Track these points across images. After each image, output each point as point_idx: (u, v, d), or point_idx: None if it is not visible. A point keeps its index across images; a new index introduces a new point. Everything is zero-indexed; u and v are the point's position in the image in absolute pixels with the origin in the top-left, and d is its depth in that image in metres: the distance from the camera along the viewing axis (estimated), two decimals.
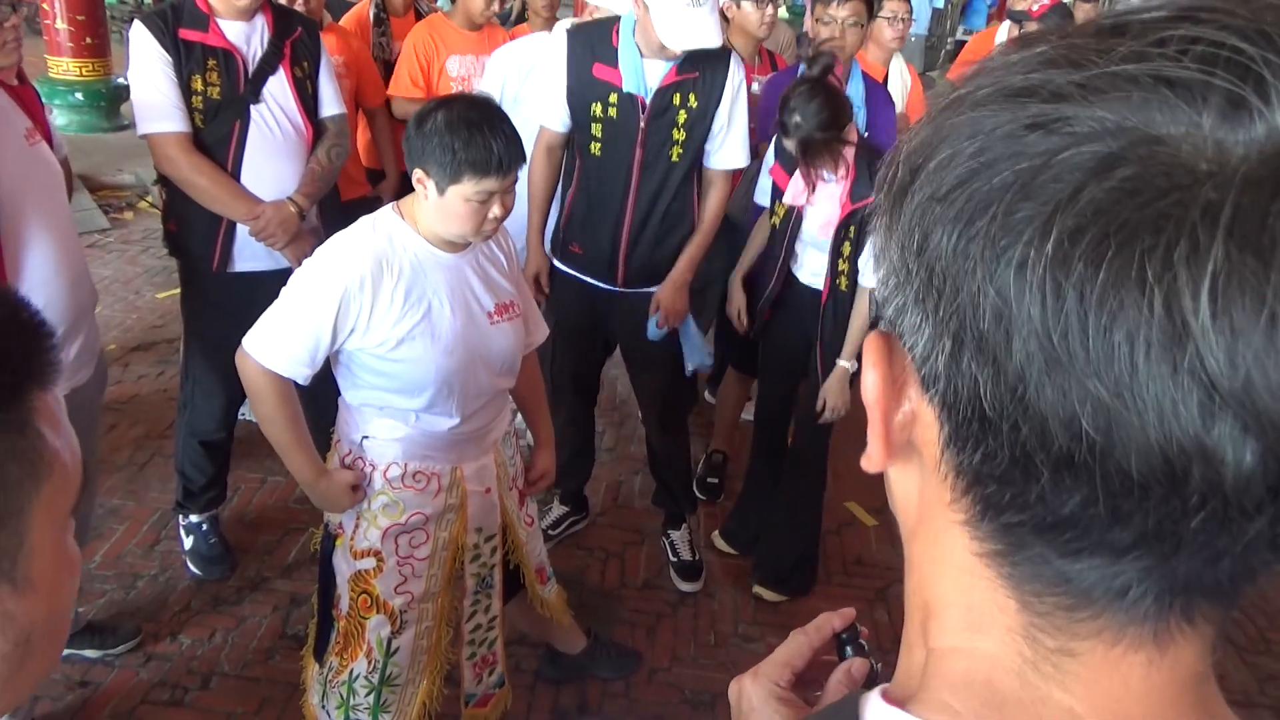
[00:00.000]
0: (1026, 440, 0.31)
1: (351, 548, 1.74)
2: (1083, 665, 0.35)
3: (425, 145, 1.54)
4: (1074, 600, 0.35)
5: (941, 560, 0.39)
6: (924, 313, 0.34)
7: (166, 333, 3.96)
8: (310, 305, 1.57)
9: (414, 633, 1.79)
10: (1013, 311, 0.30)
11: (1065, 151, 0.30)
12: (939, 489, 0.37)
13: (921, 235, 0.33)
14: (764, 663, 0.64)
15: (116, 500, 2.91)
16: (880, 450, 0.39)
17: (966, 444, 0.34)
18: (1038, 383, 0.30)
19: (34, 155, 1.84)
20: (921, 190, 0.34)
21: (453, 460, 1.75)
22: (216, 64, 2.32)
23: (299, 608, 2.52)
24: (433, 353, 1.62)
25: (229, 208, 2.36)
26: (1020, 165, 0.30)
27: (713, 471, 3.28)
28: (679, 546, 2.84)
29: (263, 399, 1.62)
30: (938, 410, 0.35)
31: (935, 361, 0.34)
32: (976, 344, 0.31)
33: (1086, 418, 0.29)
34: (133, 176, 5.78)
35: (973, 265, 0.31)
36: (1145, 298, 0.28)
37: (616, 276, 2.52)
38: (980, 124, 0.32)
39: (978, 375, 0.32)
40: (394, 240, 1.62)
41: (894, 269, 0.36)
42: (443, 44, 3.16)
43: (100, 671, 2.31)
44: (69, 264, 1.87)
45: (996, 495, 0.34)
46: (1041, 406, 0.30)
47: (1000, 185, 0.31)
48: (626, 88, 2.31)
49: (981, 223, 0.31)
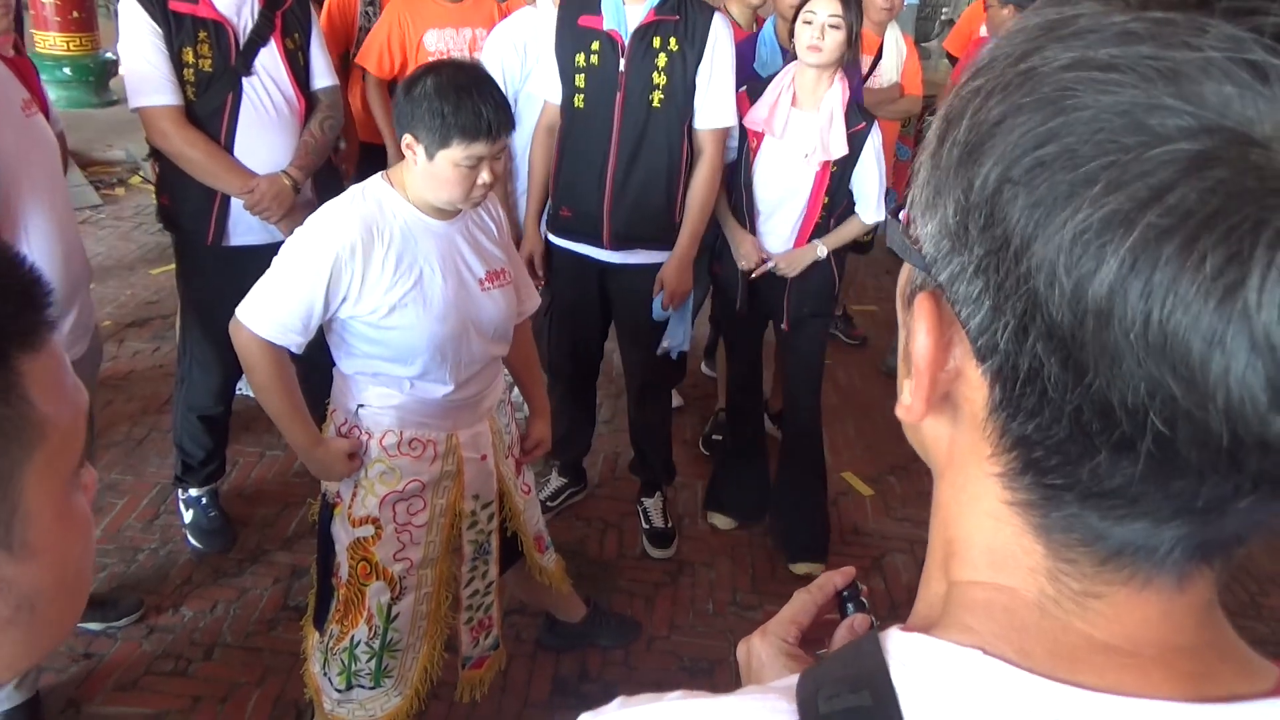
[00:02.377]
0: (1088, 423, 0.32)
1: (350, 516, 1.75)
2: (1106, 604, 0.37)
3: (414, 110, 1.54)
4: (1105, 554, 0.36)
5: (969, 504, 0.40)
6: (985, 285, 0.34)
7: (161, 308, 3.95)
8: (302, 273, 1.57)
9: (413, 599, 1.81)
10: (1090, 302, 0.30)
11: (1158, 147, 0.29)
12: (976, 441, 0.38)
13: (991, 211, 0.33)
14: (771, 621, 0.66)
15: (115, 475, 2.92)
16: (922, 408, 0.39)
17: (1019, 413, 0.35)
18: (1109, 373, 0.30)
19: (31, 126, 1.83)
20: (993, 163, 0.33)
21: (448, 427, 1.76)
22: (207, 36, 2.30)
23: (300, 579, 2.54)
24: (425, 320, 1.63)
25: (223, 181, 2.35)
26: (1109, 158, 0.30)
27: (719, 429, 3.32)
28: (652, 514, 2.88)
29: (257, 368, 1.62)
30: (990, 378, 0.36)
31: (994, 335, 0.34)
32: (1046, 328, 0.32)
33: (1155, 409, 0.30)
34: (123, 152, 5.74)
35: (1049, 252, 0.31)
36: (1226, 302, 0.28)
37: (603, 234, 2.50)
38: (1059, 103, 0.31)
39: (1043, 357, 0.32)
40: (384, 207, 1.62)
41: (948, 232, 0.35)
42: (419, 18, 3.07)
43: (103, 644, 2.33)
44: (63, 237, 1.87)
45: (1043, 460, 0.35)
46: (1110, 394, 0.31)
47: (1086, 176, 0.30)
48: (606, 26, 2.32)
49: (1064, 213, 0.31)
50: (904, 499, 3.19)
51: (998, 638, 0.38)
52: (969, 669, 0.37)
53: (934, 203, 0.37)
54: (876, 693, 0.38)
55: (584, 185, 2.46)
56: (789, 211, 2.54)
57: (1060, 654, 0.37)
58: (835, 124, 2.40)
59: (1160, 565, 0.36)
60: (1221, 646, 0.39)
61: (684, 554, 2.85)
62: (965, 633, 0.39)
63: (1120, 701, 0.35)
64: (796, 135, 2.45)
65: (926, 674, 0.38)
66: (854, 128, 2.42)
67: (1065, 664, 0.37)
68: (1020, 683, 0.36)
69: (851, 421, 3.61)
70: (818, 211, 2.52)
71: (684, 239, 2.50)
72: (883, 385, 3.93)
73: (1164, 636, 0.37)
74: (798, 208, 2.53)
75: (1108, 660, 0.37)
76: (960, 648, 0.38)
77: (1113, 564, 0.36)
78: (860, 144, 2.44)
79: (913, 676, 0.38)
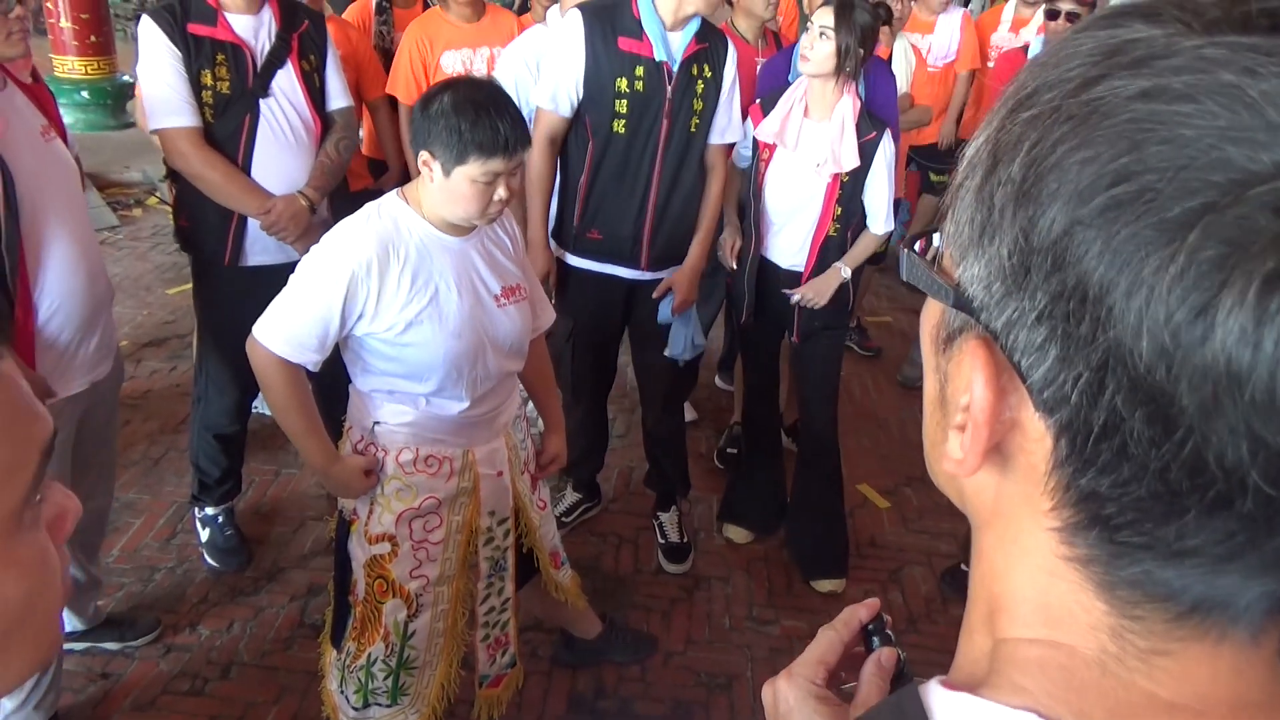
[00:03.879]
0: (1176, 481, 0.30)
1: (366, 533, 1.75)
2: (1174, 661, 0.35)
3: (431, 127, 1.55)
4: (1178, 611, 0.34)
5: (1019, 557, 0.38)
6: (1052, 334, 0.32)
7: (178, 328, 3.98)
8: (318, 291, 1.58)
9: (430, 616, 1.81)
10: (1187, 357, 0.28)
11: (1257, 186, 0.27)
12: (1032, 495, 0.36)
13: (1058, 255, 0.31)
14: (797, 663, 0.64)
15: (132, 494, 2.93)
16: (977, 462, 0.37)
17: (1090, 469, 0.33)
18: (1204, 430, 0.29)
19: (50, 152, 1.86)
20: (1061, 203, 0.31)
21: (464, 444, 1.76)
22: (225, 58, 2.33)
23: (316, 597, 2.54)
24: (441, 336, 1.63)
25: (240, 202, 2.37)
26: (1198, 199, 0.28)
27: (733, 443, 3.32)
28: (667, 529, 2.87)
29: (273, 386, 1.63)
30: (1055, 431, 0.34)
31: (1063, 386, 0.32)
32: (1130, 383, 0.30)
33: (1257, 468, 0.28)
34: (140, 174, 5.81)
35: (1134, 304, 0.29)
36: None
37: (640, 258, 2.51)
38: (1135, 136, 0.29)
39: (1123, 412, 0.30)
40: (399, 224, 1.63)
41: (1003, 274, 0.33)
42: (436, 40, 3.12)
43: (121, 663, 2.34)
44: (86, 260, 1.89)
45: (1116, 516, 0.33)
46: (1206, 452, 0.29)
47: (1177, 220, 0.28)
48: (658, 56, 2.33)
49: (1155, 260, 0.28)
50: (921, 511, 3.17)
51: (1053, 698, 0.36)
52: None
53: (981, 242, 0.34)
54: None
55: (621, 209, 2.46)
56: (800, 224, 2.54)
57: (1121, 715, 0.35)
58: (846, 135, 2.41)
59: (1235, 620, 0.34)
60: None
61: (700, 568, 2.84)
62: (1018, 693, 0.37)
63: None
64: (808, 146, 2.46)
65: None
66: (865, 136, 2.42)
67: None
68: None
69: (867, 433, 3.59)
70: (829, 223, 2.51)
71: (695, 250, 2.53)
72: (898, 397, 3.92)
73: (1236, 693, 0.35)
74: (809, 219, 2.53)
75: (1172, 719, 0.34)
76: (1013, 711, 0.36)
77: (1186, 621, 0.34)
78: (871, 154, 2.44)
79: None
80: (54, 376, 1.86)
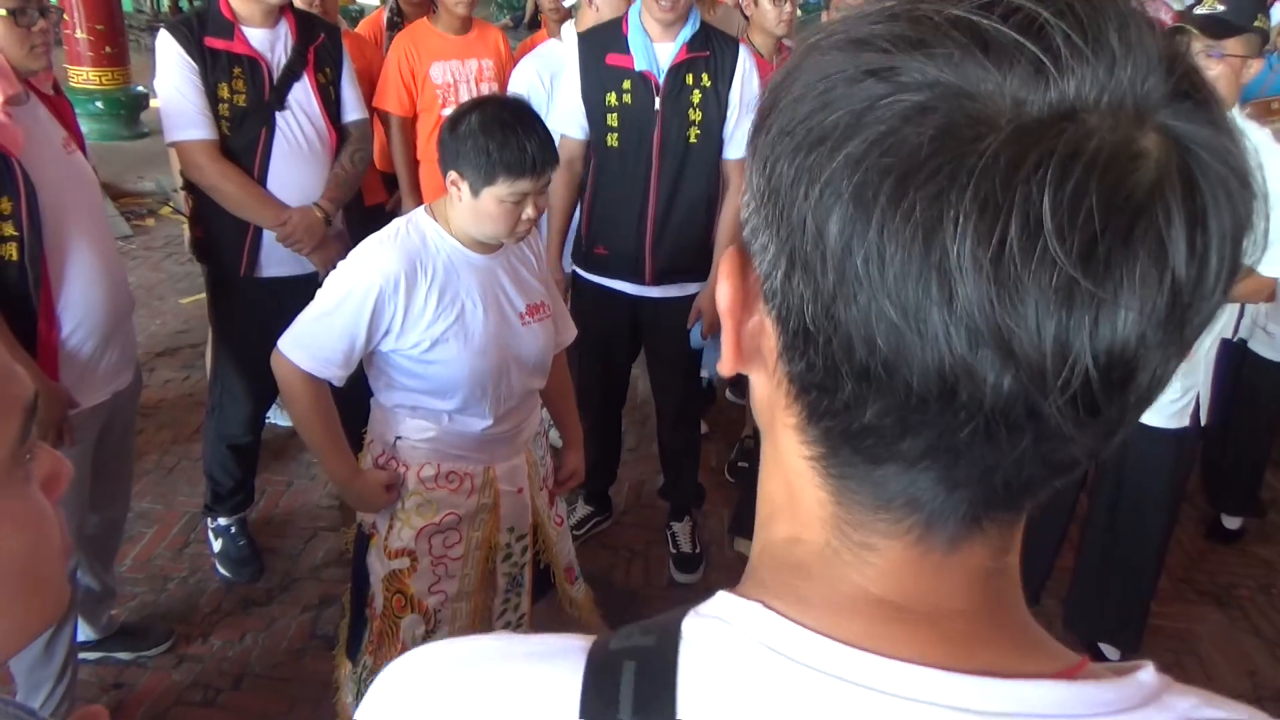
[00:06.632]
0: (835, 353, 0.34)
1: (386, 547, 1.75)
2: (880, 557, 0.39)
3: (460, 147, 1.55)
4: (877, 503, 0.38)
5: (779, 461, 0.42)
6: (769, 234, 0.36)
7: (191, 338, 4.00)
8: (345, 306, 1.58)
9: (448, 631, 1.81)
10: (828, 238, 0.33)
11: (888, 98, 0.32)
12: (778, 395, 0.40)
13: (771, 163, 0.36)
14: None
15: (146, 504, 2.94)
16: (731, 356, 0.41)
17: (794, 355, 0.37)
18: (845, 302, 0.33)
19: (72, 164, 1.87)
20: (776, 122, 0.36)
21: (485, 460, 1.77)
22: (242, 71, 2.34)
23: (328, 608, 2.54)
24: (466, 354, 1.63)
25: (256, 214, 2.38)
26: (851, 107, 0.33)
27: (745, 456, 3.31)
28: (680, 539, 2.87)
29: (297, 400, 1.63)
30: (774, 323, 0.38)
31: (774, 279, 0.36)
32: (802, 265, 0.34)
33: (881, 336, 0.33)
34: (154, 184, 5.84)
35: (802, 192, 0.34)
36: (925, 236, 0.31)
37: (644, 273, 2.52)
38: (827, 67, 0.35)
39: (803, 293, 0.35)
40: (427, 242, 1.63)
41: (753, 192, 0.38)
42: (424, 52, 3.07)
43: (134, 673, 2.34)
44: (108, 271, 1.91)
45: (815, 402, 0.37)
46: (848, 324, 0.33)
47: (832, 123, 0.33)
48: (638, 67, 2.34)
49: (814, 156, 0.34)
50: None
51: (784, 587, 0.40)
52: (747, 618, 0.39)
53: (749, 170, 0.39)
54: (662, 636, 0.40)
55: (622, 224, 2.48)
56: None
57: (836, 604, 0.39)
58: None
59: (930, 523, 0.37)
60: (1002, 618, 0.39)
61: (711, 582, 2.82)
62: (756, 586, 0.41)
63: (884, 664, 0.37)
64: None
65: (711, 622, 0.40)
66: None
67: (839, 614, 0.38)
68: (789, 634, 0.38)
69: None
70: None
71: (717, 268, 2.51)
72: None
73: (937, 598, 0.38)
74: None
75: (879, 612, 0.38)
76: (744, 600, 0.40)
77: (886, 515, 0.38)
78: None
79: (699, 624, 0.40)
80: (77, 387, 1.87)
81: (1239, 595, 2.86)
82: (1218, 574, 2.94)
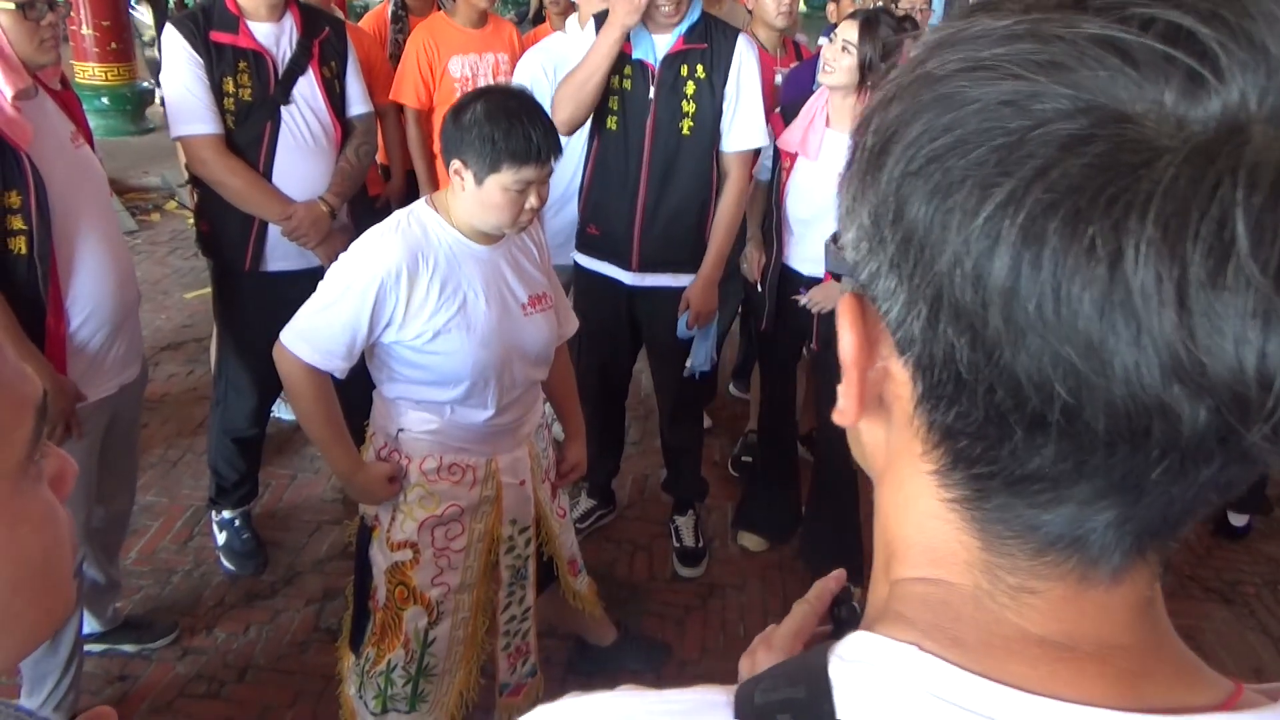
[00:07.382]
0: (1001, 402, 0.33)
1: (388, 540, 1.76)
2: (1041, 599, 0.37)
3: (464, 136, 1.55)
4: (1038, 546, 0.36)
5: (907, 505, 0.41)
6: (899, 279, 0.35)
7: (196, 332, 4.01)
8: (346, 298, 1.58)
9: (450, 624, 1.81)
10: (990, 281, 0.31)
11: (1039, 129, 0.31)
12: (909, 441, 0.39)
13: (897, 206, 0.34)
14: (775, 635, 0.66)
15: (150, 497, 2.95)
16: (854, 407, 0.40)
17: (940, 403, 0.35)
18: (1013, 348, 0.31)
19: (80, 158, 1.88)
20: (896, 163, 0.34)
21: (488, 452, 1.77)
22: (247, 66, 2.34)
23: (332, 601, 2.55)
24: (468, 345, 1.64)
25: (262, 208, 2.38)
26: (995, 142, 0.31)
27: (748, 451, 3.31)
28: (683, 533, 2.87)
29: (300, 392, 1.64)
30: (911, 371, 0.36)
31: (910, 326, 0.35)
32: (953, 311, 0.33)
33: (1059, 380, 0.31)
34: (159, 179, 5.85)
35: (950, 236, 0.32)
36: (1108, 269, 0.29)
37: (631, 258, 2.52)
38: (951, 100, 0.33)
39: (954, 340, 0.33)
40: (429, 233, 1.63)
41: (866, 234, 0.37)
42: (443, 45, 3.09)
43: (138, 665, 2.35)
44: (116, 265, 1.91)
45: (968, 450, 0.36)
46: (1016, 370, 0.32)
47: (976, 160, 0.32)
48: (636, 55, 2.35)
49: (958, 196, 0.32)
50: None
51: (934, 629, 0.38)
52: (903, 662, 0.38)
53: (853, 209, 0.38)
54: (812, 685, 0.38)
55: (615, 205, 2.49)
56: (821, 232, 2.54)
57: (994, 646, 0.37)
58: None
59: (1095, 560, 0.36)
60: (1161, 649, 0.38)
61: (714, 576, 2.83)
62: (903, 627, 0.39)
63: (1053, 706, 0.35)
64: (830, 155, 2.46)
65: (862, 668, 0.38)
66: None
67: (999, 656, 0.37)
68: (951, 679, 0.36)
69: None
70: None
71: (709, 260, 2.51)
72: None
73: (1102, 634, 0.37)
74: (830, 228, 2.52)
75: (1043, 653, 0.37)
76: (896, 642, 0.38)
77: (1047, 557, 0.36)
78: None
79: (849, 671, 0.38)
80: (84, 380, 1.88)
81: (1245, 592, 2.85)
82: (1224, 570, 2.94)
